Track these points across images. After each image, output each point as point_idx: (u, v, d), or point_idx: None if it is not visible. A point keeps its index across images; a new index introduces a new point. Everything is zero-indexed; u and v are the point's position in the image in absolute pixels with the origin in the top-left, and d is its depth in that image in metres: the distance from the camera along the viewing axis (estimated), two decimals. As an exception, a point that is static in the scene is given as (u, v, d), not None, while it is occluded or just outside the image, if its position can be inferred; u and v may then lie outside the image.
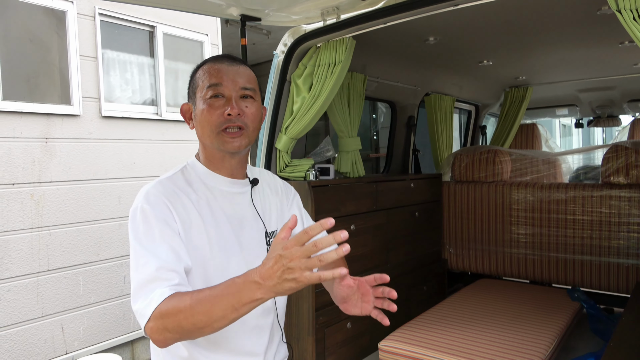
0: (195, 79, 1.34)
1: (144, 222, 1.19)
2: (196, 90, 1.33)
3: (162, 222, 1.20)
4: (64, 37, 3.60)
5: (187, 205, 1.26)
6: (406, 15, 2.02)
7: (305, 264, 0.91)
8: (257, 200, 1.40)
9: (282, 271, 0.93)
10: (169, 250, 1.18)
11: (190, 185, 1.31)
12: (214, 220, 1.28)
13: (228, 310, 1.00)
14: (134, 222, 1.21)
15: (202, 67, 1.35)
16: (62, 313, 3.54)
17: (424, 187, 3.28)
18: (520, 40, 2.81)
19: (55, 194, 3.53)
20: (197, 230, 1.25)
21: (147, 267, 1.14)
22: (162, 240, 1.18)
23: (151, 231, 1.18)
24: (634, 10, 1.53)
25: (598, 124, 4.98)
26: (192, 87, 1.35)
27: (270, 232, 1.41)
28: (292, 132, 2.35)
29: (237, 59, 1.37)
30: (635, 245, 2.85)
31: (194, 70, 1.37)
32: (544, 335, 2.32)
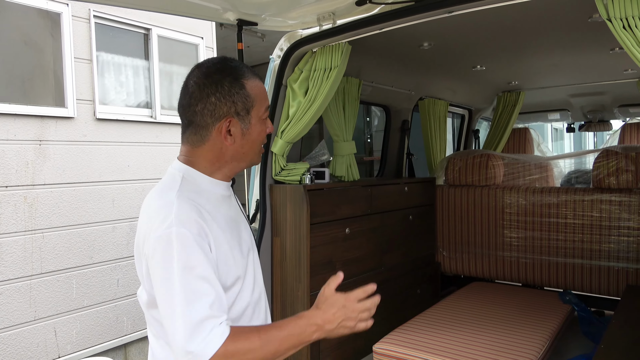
0: (248, 96, 1.27)
1: (184, 250, 1.13)
2: (251, 109, 1.28)
3: (202, 247, 1.15)
4: (59, 39, 3.59)
5: (209, 218, 1.23)
6: (401, 22, 2.05)
7: (362, 317, 1.23)
8: (238, 199, 1.47)
9: (343, 319, 1.20)
10: (215, 281, 1.15)
11: (200, 195, 1.27)
12: (226, 224, 1.30)
13: (290, 349, 1.17)
14: (169, 248, 1.13)
15: (249, 81, 1.28)
16: (55, 316, 3.53)
17: (418, 191, 3.30)
18: (513, 46, 2.85)
19: (49, 196, 3.51)
20: (221, 238, 1.24)
21: (200, 303, 1.10)
22: (206, 271, 1.14)
23: (194, 260, 1.13)
24: (623, 19, 1.56)
25: (589, 128, 5.04)
26: (244, 105, 1.26)
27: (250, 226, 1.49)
28: (288, 136, 2.37)
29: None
30: (625, 248, 2.89)
31: (236, 83, 1.26)
32: (536, 337, 2.35)
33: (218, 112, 1.25)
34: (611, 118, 4.98)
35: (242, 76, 1.27)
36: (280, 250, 2.37)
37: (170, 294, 1.12)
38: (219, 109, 1.25)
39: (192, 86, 1.27)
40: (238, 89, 1.25)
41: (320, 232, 2.40)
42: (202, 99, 1.25)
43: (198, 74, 1.28)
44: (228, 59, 1.33)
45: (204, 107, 1.25)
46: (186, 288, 1.11)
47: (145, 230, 1.21)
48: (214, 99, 1.24)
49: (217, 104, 1.24)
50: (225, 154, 1.29)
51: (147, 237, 1.19)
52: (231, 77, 1.26)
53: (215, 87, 1.24)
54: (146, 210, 1.26)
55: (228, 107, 1.25)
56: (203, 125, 1.27)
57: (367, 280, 2.73)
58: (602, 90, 4.16)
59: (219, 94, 1.24)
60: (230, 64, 1.30)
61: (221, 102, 1.24)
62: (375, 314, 1.31)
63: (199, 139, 1.29)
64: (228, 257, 1.25)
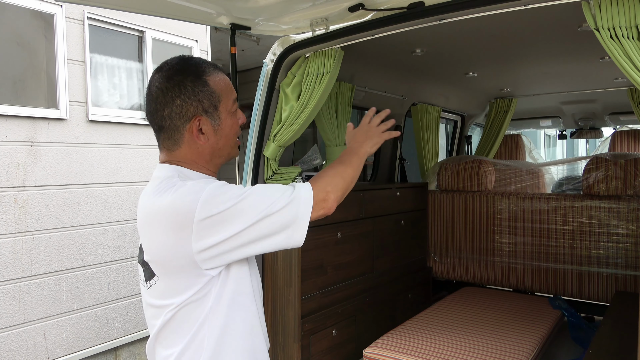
0: (216, 92, 1.28)
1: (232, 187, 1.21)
2: (219, 104, 1.28)
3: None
4: (52, 40, 3.59)
5: None
6: (394, 28, 2.07)
7: (380, 129, 1.54)
8: None
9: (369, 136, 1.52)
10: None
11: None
12: None
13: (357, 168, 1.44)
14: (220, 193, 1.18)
15: (212, 78, 1.28)
16: (45, 319, 3.50)
17: (410, 196, 3.32)
18: (505, 53, 2.88)
19: (40, 198, 3.49)
20: None
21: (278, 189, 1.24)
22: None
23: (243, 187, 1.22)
24: (611, 29, 1.58)
25: (580, 135, 5.09)
26: (210, 101, 1.26)
27: None
28: (280, 140, 2.37)
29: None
30: (614, 254, 2.91)
31: (198, 81, 1.26)
32: (526, 342, 2.36)
33: (186, 114, 1.25)
34: (602, 125, 5.04)
35: (203, 73, 1.27)
36: (271, 254, 2.37)
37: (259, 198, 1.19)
38: (186, 110, 1.24)
39: (156, 91, 1.26)
40: (201, 86, 1.25)
41: (311, 236, 2.39)
42: (168, 102, 1.24)
43: (159, 78, 1.27)
44: (187, 57, 1.31)
45: (170, 110, 1.25)
46: (266, 197, 1.20)
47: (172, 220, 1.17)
48: (179, 101, 1.24)
49: (183, 105, 1.24)
50: (204, 152, 1.29)
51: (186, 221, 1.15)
52: (192, 75, 1.25)
53: (179, 88, 1.24)
54: (151, 209, 1.23)
55: (195, 107, 1.25)
56: (174, 129, 1.27)
57: (359, 284, 2.75)
58: (593, 98, 4.21)
59: (184, 95, 1.24)
60: (190, 62, 1.29)
61: (187, 103, 1.24)
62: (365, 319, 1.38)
63: (174, 143, 1.29)
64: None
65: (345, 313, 2.62)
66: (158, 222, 1.20)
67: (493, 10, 1.83)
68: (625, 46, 1.54)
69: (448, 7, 1.88)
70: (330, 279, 2.55)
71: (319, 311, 2.46)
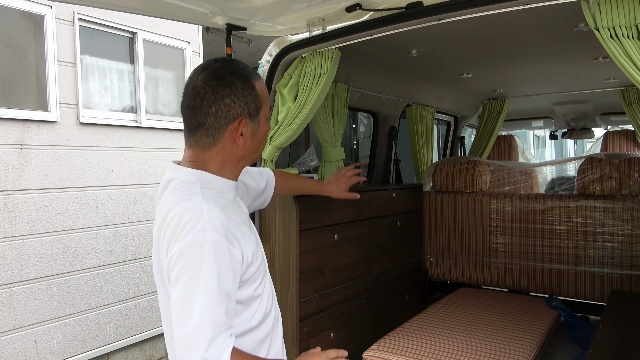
0: (257, 96, 1.30)
1: (215, 258, 1.15)
2: (260, 110, 1.32)
3: (232, 254, 1.19)
4: (42, 42, 3.53)
5: (235, 219, 1.26)
6: (392, 28, 2.06)
7: None
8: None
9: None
10: (234, 292, 1.21)
11: (221, 198, 1.29)
12: (248, 223, 1.37)
13: None
14: (200, 254, 1.14)
15: (258, 84, 1.31)
16: (35, 325, 3.43)
17: (406, 197, 3.31)
18: (500, 54, 2.89)
19: (30, 202, 3.43)
20: (249, 239, 1.30)
21: (220, 314, 1.15)
22: (229, 282, 1.18)
23: (222, 270, 1.16)
24: (610, 28, 1.59)
25: (572, 136, 5.13)
26: (255, 105, 1.29)
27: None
28: (277, 141, 2.35)
29: None
30: (609, 254, 2.93)
31: (248, 84, 1.28)
32: (525, 343, 2.36)
33: (232, 113, 1.26)
34: (593, 126, 5.08)
35: (251, 77, 1.30)
36: (268, 256, 2.35)
37: (192, 300, 1.13)
38: (234, 110, 1.26)
39: (203, 87, 1.26)
40: (250, 90, 1.28)
41: (309, 238, 2.38)
42: (217, 100, 1.25)
43: (206, 76, 1.27)
44: (233, 60, 1.35)
45: (218, 108, 1.25)
46: (210, 297, 1.13)
47: (171, 235, 1.19)
48: (228, 100, 1.25)
49: (231, 105, 1.26)
50: (236, 154, 1.31)
51: (174, 241, 1.18)
52: (242, 78, 1.28)
53: (230, 88, 1.26)
54: (168, 214, 1.23)
55: (242, 108, 1.27)
56: (216, 127, 1.27)
57: (356, 286, 2.73)
58: (584, 99, 4.24)
59: (234, 95, 1.25)
60: (238, 65, 1.32)
61: (235, 104, 1.26)
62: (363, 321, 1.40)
63: (211, 141, 1.28)
64: (257, 254, 1.32)
65: (343, 316, 2.60)
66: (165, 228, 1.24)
67: (492, 10, 1.83)
68: (625, 45, 1.54)
69: (446, 7, 1.87)
70: (328, 282, 2.53)
71: (317, 314, 2.44)
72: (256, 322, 1.33)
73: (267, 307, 1.37)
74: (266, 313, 1.36)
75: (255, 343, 1.34)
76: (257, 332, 1.34)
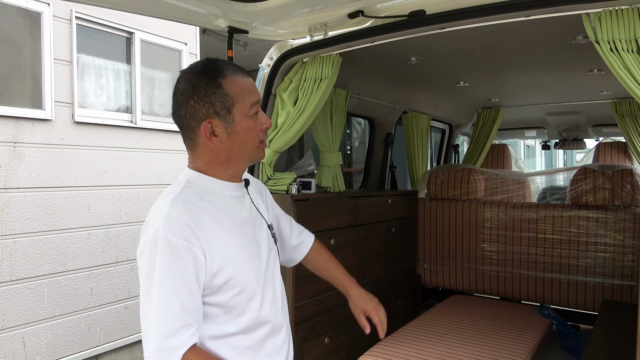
0: (230, 95, 1.25)
1: (167, 256, 1.16)
2: (232, 107, 1.26)
3: (187, 253, 1.18)
4: (38, 39, 3.50)
5: (208, 221, 1.24)
6: (394, 36, 2.07)
7: None
8: (254, 198, 1.46)
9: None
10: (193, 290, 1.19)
11: (202, 198, 1.28)
12: (236, 227, 1.31)
13: None
14: (154, 252, 1.17)
15: (229, 80, 1.26)
16: (24, 326, 3.38)
17: (401, 204, 3.32)
18: (496, 64, 2.92)
19: (22, 200, 3.39)
20: (225, 243, 1.26)
21: (172, 307, 1.15)
22: (186, 280, 1.17)
23: (175, 268, 1.16)
24: (611, 42, 1.61)
25: (564, 146, 5.19)
26: (223, 104, 1.25)
27: (269, 224, 1.48)
28: (276, 145, 2.35)
29: (246, 70, 1.36)
30: (601, 264, 2.96)
31: (212, 83, 1.25)
32: (518, 351, 2.37)
33: (198, 115, 1.26)
34: (585, 137, 5.15)
35: (220, 75, 1.26)
36: (265, 260, 2.34)
37: (148, 298, 1.16)
38: (199, 111, 1.26)
39: (175, 91, 1.30)
40: (214, 89, 1.25)
41: (305, 243, 2.37)
42: (184, 103, 1.27)
43: (180, 79, 1.30)
44: (212, 60, 1.32)
45: (186, 111, 1.27)
46: (163, 297, 1.15)
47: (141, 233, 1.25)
48: (192, 102, 1.26)
49: (195, 106, 1.26)
50: (219, 155, 1.30)
51: (140, 238, 1.23)
52: (208, 77, 1.26)
53: (193, 90, 1.26)
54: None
55: (207, 109, 1.25)
56: (190, 129, 1.29)
57: (351, 292, 2.72)
58: (577, 110, 4.30)
59: (196, 96, 1.25)
60: (211, 64, 1.29)
61: (199, 105, 1.25)
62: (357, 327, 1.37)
63: (192, 143, 1.31)
64: (235, 259, 1.27)
65: (338, 321, 2.60)
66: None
67: (494, 21, 1.85)
68: (624, 59, 1.57)
69: (449, 16, 1.89)
70: (322, 286, 2.52)
71: (312, 319, 2.43)
72: (236, 329, 1.29)
73: (258, 318, 1.32)
74: (255, 324, 1.32)
75: (240, 349, 1.30)
76: (240, 339, 1.30)
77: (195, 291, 1.19)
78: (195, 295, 1.19)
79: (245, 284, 1.28)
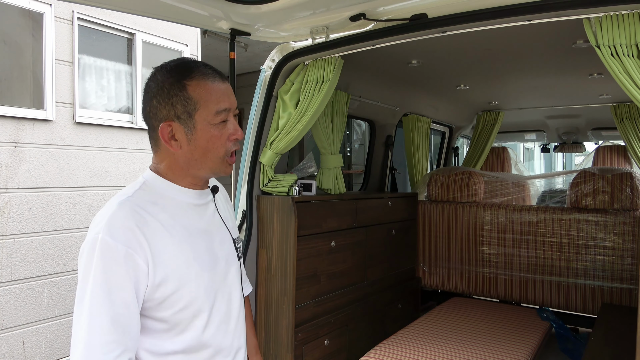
0: (193, 99, 1.17)
1: (103, 262, 1.07)
2: (194, 112, 1.17)
3: (126, 260, 1.09)
4: (40, 40, 3.51)
5: (157, 228, 1.15)
6: (395, 39, 2.08)
7: None
8: (220, 209, 1.36)
9: None
10: (129, 302, 1.10)
11: (155, 204, 1.19)
12: (189, 237, 1.22)
13: None
14: (91, 256, 1.08)
15: (195, 83, 1.17)
16: (24, 326, 3.38)
17: (401, 206, 3.33)
18: (497, 67, 2.93)
19: (22, 201, 3.39)
20: (172, 253, 1.17)
21: (101, 318, 1.06)
22: (120, 290, 1.08)
23: (111, 276, 1.07)
24: (611, 46, 1.62)
25: (563, 149, 5.20)
26: (184, 108, 1.17)
27: (235, 238, 1.39)
28: (277, 147, 2.36)
29: (217, 70, 1.24)
30: (600, 267, 2.97)
31: (177, 84, 1.17)
32: (517, 354, 2.38)
33: (159, 115, 1.19)
34: (584, 140, 5.16)
35: (186, 77, 1.17)
36: (266, 262, 2.35)
37: (80, 306, 1.08)
38: (160, 112, 1.18)
39: (145, 88, 1.23)
40: (177, 90, 1.17)
41: (306, 244, 2.39)
42: (149, 101, 1.21)
43: (151, 76, 1.23)
44: (185, 59, 1.24)
45: (150, 110, 1.20)
46: (94, 306, 1.06)
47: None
48: (155, 101, 1.19)
49: (157, 106, 1.19)
50: (178, 160, 1.21)
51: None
52: (174, 78, 1.18)
53: (157, 89, 1.19)
54: None
55: (167, 110, 1.17)
56: (152, 129, 1.22)
57: (351, 294, 2.74)
58: (577, 114, 4.31)
59: (159, 96, 1.18)
60: (183, 64, 1.21)
61: (161, 105, 1.18)
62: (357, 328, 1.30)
63: (154, 144, 1.24)
64: (181, 271, 1.17)
65: (338, 323, 2.60)
66: None
67: (495, 25, 1.86)
68: (625, 63, 1.58)
69: (450, 19, 1.90)
70: (323, 288, 2.53)
71: (312, 320, 2.44)
72: (176, 347, 1.20)
73: (201, 339, 1.22)
74: (198, 344, 1.22)
75: None
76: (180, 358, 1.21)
77: (131, 303, 1.09)
78: (132, 307, 1.10)
79: (190, 300, 1.19)
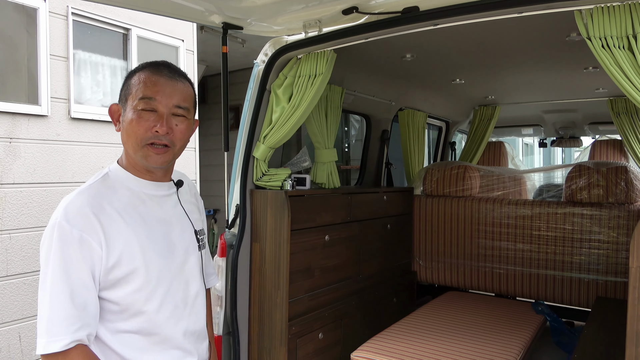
0: (130, 85, 1.31)
1: (61, 246, 1.17)
2: (128, 97, 1.30)
3: (82, 244, 1.18)
4: (35, 35, 3.50)
5: (113, 215, 1.24)
6: (387, 32, 2.07)
7: None
8: (184, 201, 1.46)
9: None
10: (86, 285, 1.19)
11: (114, 192, 1.29)
12: (144, 224, 1.30)
13: None
14: (50, 240, 1.19)
15: (139, 72, 1.32)
16: (20, 321, 3.39)
17: (396, 200, 3.33)
18: (492, 61, 2.92)
19: (18, 196, 3.39)
20: (126, 238, 1.25)
21: (62, 296, 1.16)
22: (78, 272, 1.18)
23: (68, 259, 1.17)
24: (602, 38, 1.62)
25: (560, 144, 5.20)
26: (125, 91, 1.32)
27: (198, 230, 1.47)
28: (271, 141, 2.35)
29: (177, 72, 1.35)
30: (595, 261, 2.97)
31: (130, 73, 1.34)
32: (511, 347, 2.39)
33: (119, 96, 1.36)
34: (581, 135, 5.15)
35: (141, 69, 1.33)
36: (259, 256, 2.35)
37: (43, 284, 1.18)
38: (119, 93, 1.36)
39: None
40: (127, 78, 1.34)
41: (300, 238, 2.39)
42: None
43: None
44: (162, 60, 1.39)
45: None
46: (54, 284, 1.16)
47: None
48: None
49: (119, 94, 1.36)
50: (123, 145, 1.35)
51: None
52: (133, 70, 1.35)
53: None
54: None
55: (120, 94, 1.34)
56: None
57: (345, 288, 2.74)
58: (574, 108, 4.30)
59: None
60: (153, 61, 1.36)
61: (120, 92, 1.35)
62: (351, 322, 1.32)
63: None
64: (134, 256, 1.25)
65: (332, 316, 2.61)
66: None
67: (486, 17, 1.86)
68: (616, 56, 1.57)
69: (442, 12, 1.89)
70: (317, 282, 2.54)
71: (306, 314, 2.44)
72: (132, 328, 1.27)
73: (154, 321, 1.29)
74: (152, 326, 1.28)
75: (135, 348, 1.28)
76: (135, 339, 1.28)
77: (88, 283, 1.19)
78: (89, 287, 1.19)
79: (142, 283, 1.25)
